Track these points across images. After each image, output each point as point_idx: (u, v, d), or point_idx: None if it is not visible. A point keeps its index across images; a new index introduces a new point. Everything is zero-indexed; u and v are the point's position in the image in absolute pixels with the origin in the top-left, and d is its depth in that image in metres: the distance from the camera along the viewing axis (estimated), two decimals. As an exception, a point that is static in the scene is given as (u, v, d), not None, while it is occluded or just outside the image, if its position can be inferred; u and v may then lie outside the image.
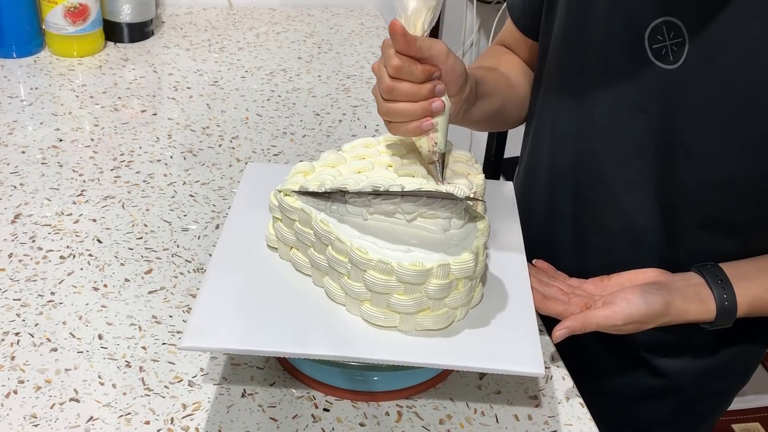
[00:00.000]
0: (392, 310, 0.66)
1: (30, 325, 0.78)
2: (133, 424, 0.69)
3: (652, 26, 0.75)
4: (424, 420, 0.72)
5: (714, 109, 0.73)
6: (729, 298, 0.76)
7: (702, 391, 0.91)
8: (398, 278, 0.65)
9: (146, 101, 1.22)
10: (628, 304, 0.73)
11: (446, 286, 0.65)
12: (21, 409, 0.70)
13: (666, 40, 0.74)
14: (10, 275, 0.85)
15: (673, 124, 0.76)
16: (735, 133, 0.72)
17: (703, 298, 0.76)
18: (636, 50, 0.76)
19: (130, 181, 1.02)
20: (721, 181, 0.75)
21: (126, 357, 0.76)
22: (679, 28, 0.73)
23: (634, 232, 0.83)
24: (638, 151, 0.79)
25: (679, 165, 0.77)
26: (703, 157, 0.75)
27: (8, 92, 1.21)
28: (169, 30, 1.48)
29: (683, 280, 0.78)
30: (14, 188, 0.99)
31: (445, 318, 0.67)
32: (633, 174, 0.80)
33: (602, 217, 0.85)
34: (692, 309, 0.76)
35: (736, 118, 0.72)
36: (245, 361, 0.76)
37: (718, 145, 0.74)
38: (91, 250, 0.89)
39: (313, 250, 0.70)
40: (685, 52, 0.73)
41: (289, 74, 1.34)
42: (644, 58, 0.76)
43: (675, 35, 0.73)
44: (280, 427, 0.70)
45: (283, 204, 0.72)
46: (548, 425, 0.72)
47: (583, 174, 0.85)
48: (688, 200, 0.78)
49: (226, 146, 1.12)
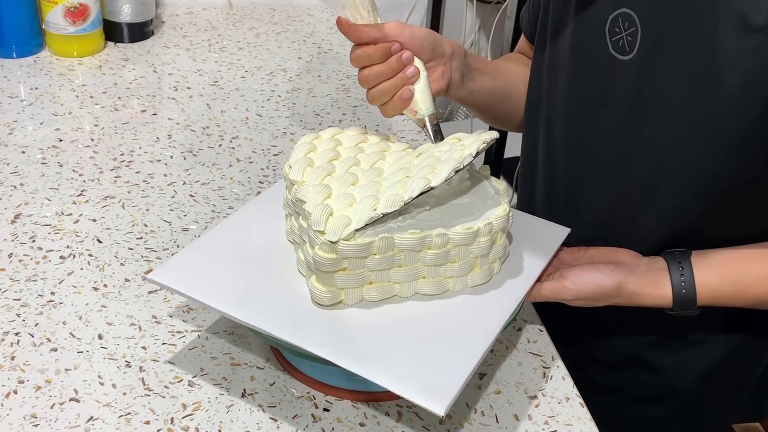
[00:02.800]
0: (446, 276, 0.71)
1: (30, 325, 0.78)
2: (133, 424, 0.69)
3: (610, 19, 0.77)
4: (424, 420, 0.72)
5: (666, 96, 0.74)
6: (687, 285, 0.76)
7: (704, 392, 0.91)
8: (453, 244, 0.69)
9: (146, 101, 1.22)
10: (577, 280, 0.75)
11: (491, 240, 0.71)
12: (21, 409, 0.70)
13: (622, 32, 0.76)
14: (10, 275, 0.85)
15: (633, 115, 0.77)
16: (688, 119, 0.73)
17: (661, 283, 0.77)
18: (599, 45, 0.78)
19: (130, 181, 1.02)
20: (684, 169, 0.76)
21: (126, 357, 0.76)
22: (632, 18, 0.75)
23: (620, 227, 0.84)
24: (606, 146, 0.81)
25: (644, 156, 0.78)
26: (664, 147, 0.76)
27: (8, 92, 1.21)
28: (169, 30, 1.48)
29: (648, 264, 0.78)
30: (14, 188, 0.99)
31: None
32: (607, 168, 0.82)
33: (591, 214, 0.86)
34: (646, 293, 0.77)
35: (687, 102, 0.73)
36: (245, 361, 0.76)
37: (676, 133, 0.74)
38: (91, 250, 0.89)
39: None
40: (638, 42, 0.75)
41: (289, 74, 1.34)
42: (606, 52, 0.78)
43: (629, 25, 0.75)
44: (280, 427, 0.70)
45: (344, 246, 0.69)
46: (548, 425, 0.73)
47: (572, 169, 0.87)
48: (652, 190, 0.79)
49: (226, 146, 1.12)
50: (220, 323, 0.80)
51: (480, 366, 0.77)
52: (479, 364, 0.65)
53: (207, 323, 0.80)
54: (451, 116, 2.41)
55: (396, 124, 1.22)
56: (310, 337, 0.66)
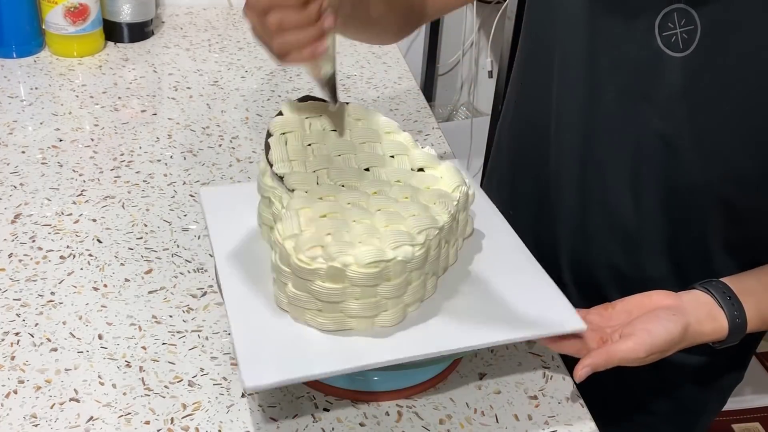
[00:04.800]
0: None
1: (30, 325, 0.78)
2: (133, 424, 0.69)
3: (663, 13, 0.75)
4: (424, 420, 0.72)
5: (721, 98, 0.72)
6: (740, 315, 0.74)
7: (697, 387, 0.91)
8: None
9: (146, 101, 1.22)
10: (649, 334, 0.70)
11: None
12: (21, 409, 0.70)
13: (677, 28, 0.74)
14: (10, 275, 0.85)
15: (678, 113, 0.75)
16: (741, 122, 0.72)
17: (715, 316, 0.74)
18: (646, 38, 0.76)
19: (130, 181, 1.02)
20: (727, 172, 0.75)
21: (126, 357, 0.76)
22: (690, 15, 0.73)
23: (636, 222, 0.83)
24: (642, 139, 0.79)
25: (684, 155, 0.76)
26: (708, 147, 0.74)
27: (8, 92, 1.21)
28: (169, 30, 1.48)
29: (693, 301, 0.75)
30: (14, 188, 0.99)
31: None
32: (637, 164, 0.80)
33: (607, 202, 0.85)
34: (707, 330, 0.74)
35: (744, 107, 0.71)
36: (245, 361, 0.76)
37: (725, 135, 0.73)
38: (91, 250, 0.89)
39: None
40: (696, 40, 0.73)
41: (289, 74, 1.34)
42: (654, 46, 0.75)
43: (686, 22, 0.73)
44: (280, 427, 0.70)
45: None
46: (548, 425, 0.73)
47: (589, 160, 0.85)
48: (692, 190, 0.77)
49: (226, 146, 1.12)
50: (220, 323, 0.80)
51: (480, 366, 0.78)
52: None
53: (207, 323, 0.80)
54: (451, 116, 2.41)
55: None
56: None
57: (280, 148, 0.75)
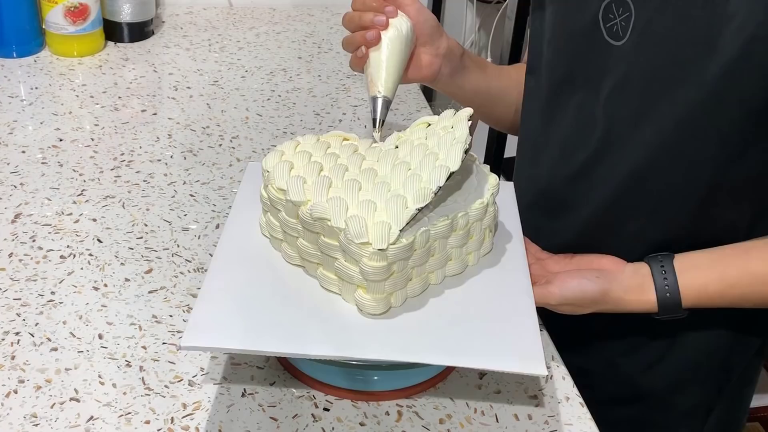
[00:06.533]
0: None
1: (30, 325, 0.79)
2: (133, 424, 0.69)
3: (604, 5, 0.77)
4: (424, 420, 0.72)
5: (653, 78, 0.74)
6: (671, 288, 0.76)
7: (675, 395, 0.91)
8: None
9: (146, 101, 1.22)
10: (563, 286, 0.76)
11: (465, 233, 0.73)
12: (21, 408, 0.70)
13: (616, 17, 0.76)
14: (10, 275, 0.85)
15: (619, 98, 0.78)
16: (672, 99, 0.73)
17: (645, 288, 0.77)
18: (594, 32, 0.79)
19: (130, 180, 1.02)
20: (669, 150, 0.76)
21: (126, 357, 0.76)
22: (626, 3, 0.75)
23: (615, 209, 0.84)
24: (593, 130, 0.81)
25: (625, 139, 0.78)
26: (646, 129, 0.76)
27: (8, 92, 1.21)
28: (169, 30, 1.48)
29: (632, 271, 0.78)
30: (14, 188, 0.99)
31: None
32: (595, 155, 0.82)
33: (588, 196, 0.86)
34: (632, 299, 0.77)
35: (672, 83, 0.73)
36: (245, 360, 0.76)
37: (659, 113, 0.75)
38: (91, 250, 0.89)
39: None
40: (630, 26, 0.75)
41: (289, 74, 1.34)
42: (600, 39, 0.78)
43: (623, 10, 0.76)
44: (280, 426, 0.70)
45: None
46: (548, 425, 0.73)
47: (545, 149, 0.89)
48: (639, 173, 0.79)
49: (226, 146, 1.12)
50: (220, 323, 0.80)
51: (480, 366, 0.78)
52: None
53: (207, 323, 0.80)
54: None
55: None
56: (382, 347, 0.66)
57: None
